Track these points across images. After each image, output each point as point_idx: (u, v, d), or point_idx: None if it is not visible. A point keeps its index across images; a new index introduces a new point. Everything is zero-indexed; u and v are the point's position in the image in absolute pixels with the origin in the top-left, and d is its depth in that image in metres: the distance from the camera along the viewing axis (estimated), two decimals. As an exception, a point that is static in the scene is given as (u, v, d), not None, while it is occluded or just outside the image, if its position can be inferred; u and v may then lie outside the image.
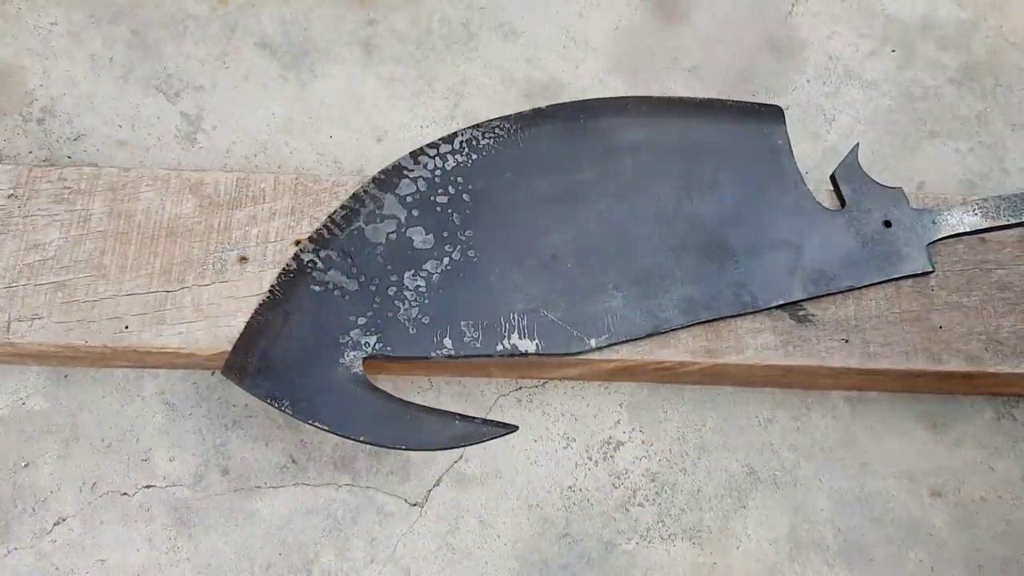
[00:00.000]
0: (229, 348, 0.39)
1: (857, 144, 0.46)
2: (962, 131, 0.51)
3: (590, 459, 0.43)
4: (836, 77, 0.53)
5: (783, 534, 0.43)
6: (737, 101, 0.46)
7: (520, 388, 0.44)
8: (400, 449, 0.37)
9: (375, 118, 0.48)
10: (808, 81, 0.52)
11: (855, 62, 0.53)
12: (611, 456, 0.43)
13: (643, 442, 0.44)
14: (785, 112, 0.46)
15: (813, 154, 0.50)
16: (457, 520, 0.42)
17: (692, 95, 0.50)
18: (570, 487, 0.43)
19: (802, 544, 0.43)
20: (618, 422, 0.44)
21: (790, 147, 0.45)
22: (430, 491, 0.42)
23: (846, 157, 0.45)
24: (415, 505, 0.42)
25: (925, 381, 0.44)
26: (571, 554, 0.42)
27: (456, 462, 0.42)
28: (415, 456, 0.41)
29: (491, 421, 0.38)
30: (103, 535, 0.40)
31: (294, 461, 0.42)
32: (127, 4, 0.48)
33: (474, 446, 0.41)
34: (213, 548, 0.40)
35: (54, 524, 0.40)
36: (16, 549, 0.39)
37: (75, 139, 0.46)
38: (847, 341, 0.42)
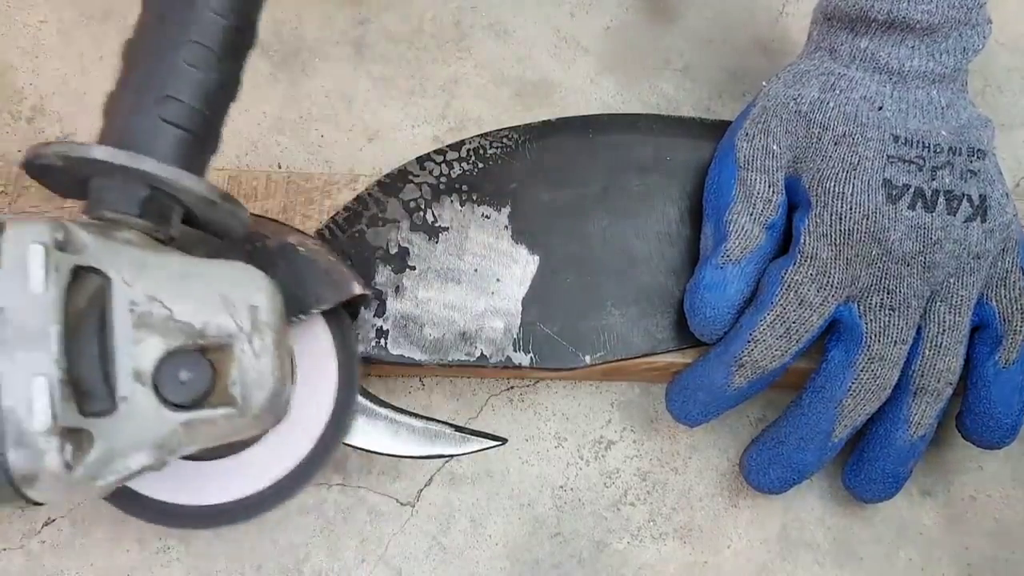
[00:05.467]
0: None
1: None
2: (952, 131, 0.52)
3: (581, 458, 0.43)
4: (827, 77, 0.53)
5: (774, 533, 0.43)
6: None
7: (512, 388, 0.44)
8: (388, 456, 0.37)
9: (366, 117, 0.48)
10: (799, 81, 0.52)
11: (846, 62, 0.53)
12: (602, 455, 0.43)
13: (634, 441, 0.44)
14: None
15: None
16: (448, 520, 0.42)
17: (684, 95, 0.50)
18: (561, 486, 0.43)
19: (793, 543, 0.43)
20: (609, 421, 0.44)
21: None
22: (421, 491, 0.42)
23: None
24: (406, 505, 0.42)
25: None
26: (563, 553, 0.42)
27: (447, 462, 0.42)
28: (406, 456, 0.41)
29: (480, 432, 0.38)
30: (93, 536, 0.39)
31: (285, 461, 0.41)
32: (117, 2, 0.48)
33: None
34: (203, 548, 0.40)
35: (43, 525, 0.39)
36: (5, 550, 0.39)
37: (65, 138, 0.45)
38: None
